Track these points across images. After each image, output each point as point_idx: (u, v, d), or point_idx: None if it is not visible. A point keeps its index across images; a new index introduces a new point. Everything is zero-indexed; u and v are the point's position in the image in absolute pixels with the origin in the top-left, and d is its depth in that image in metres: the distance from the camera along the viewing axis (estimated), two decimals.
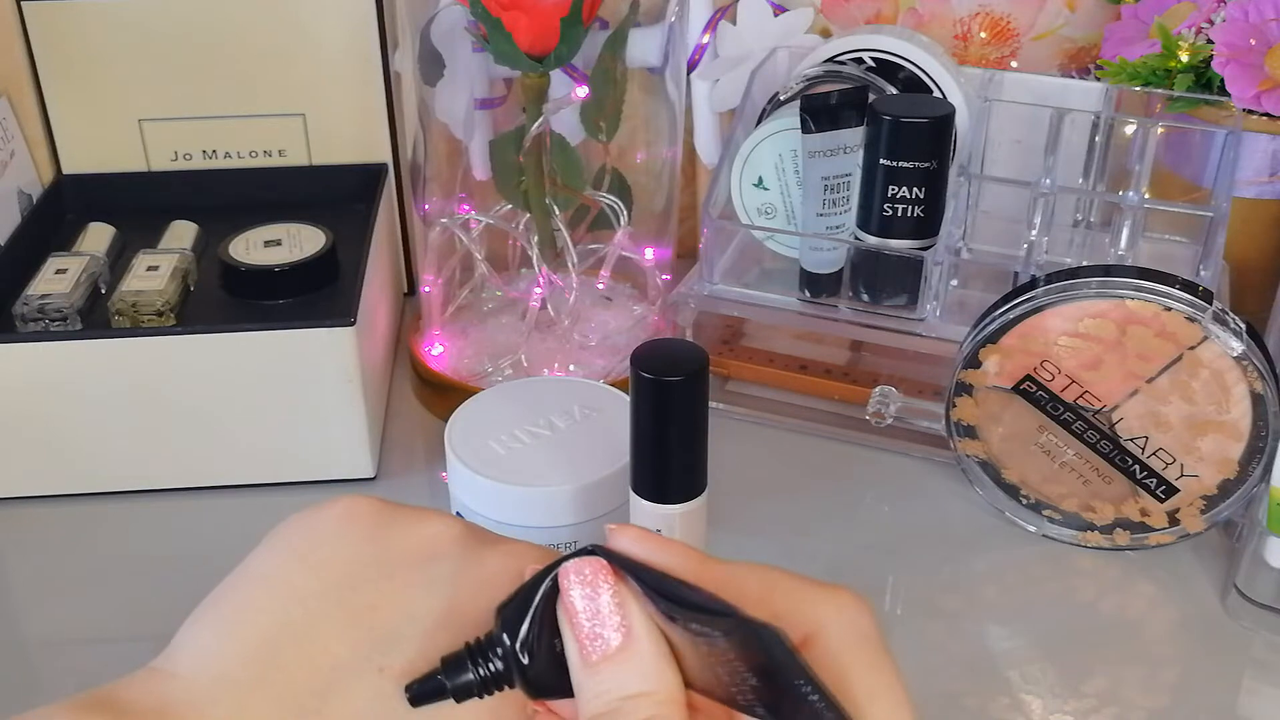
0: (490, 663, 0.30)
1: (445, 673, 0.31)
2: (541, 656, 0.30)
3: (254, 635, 0.31)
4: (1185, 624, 0.57)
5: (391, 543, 0.33)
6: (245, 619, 0.32)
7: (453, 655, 0.31)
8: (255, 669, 0.31)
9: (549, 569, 0.30)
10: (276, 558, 0.33)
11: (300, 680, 0.31)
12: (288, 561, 0.33)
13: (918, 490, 0.65)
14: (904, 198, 0.63)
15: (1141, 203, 0.65)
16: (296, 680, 0.31)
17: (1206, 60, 0.69)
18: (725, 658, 0.28)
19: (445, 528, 0.34)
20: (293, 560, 0.33)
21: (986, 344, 0.59)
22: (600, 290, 0.73)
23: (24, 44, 0.74)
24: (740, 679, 0.28)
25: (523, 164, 0.67)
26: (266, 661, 0.31)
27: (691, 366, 0.46)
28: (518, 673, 0.30)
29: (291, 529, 0.34)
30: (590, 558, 0.30)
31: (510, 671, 0.30)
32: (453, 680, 0.30)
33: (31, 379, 0.61)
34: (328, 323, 0.61)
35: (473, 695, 0.30)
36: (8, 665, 0.55)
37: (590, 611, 0.29)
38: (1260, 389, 0.55)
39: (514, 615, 0.30)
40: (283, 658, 0.31)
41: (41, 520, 0.63)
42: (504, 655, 0.30)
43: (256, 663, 0.31)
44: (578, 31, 0.62)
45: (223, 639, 0.32)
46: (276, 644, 0.31)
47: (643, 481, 0.49)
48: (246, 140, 0.78)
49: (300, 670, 0.31)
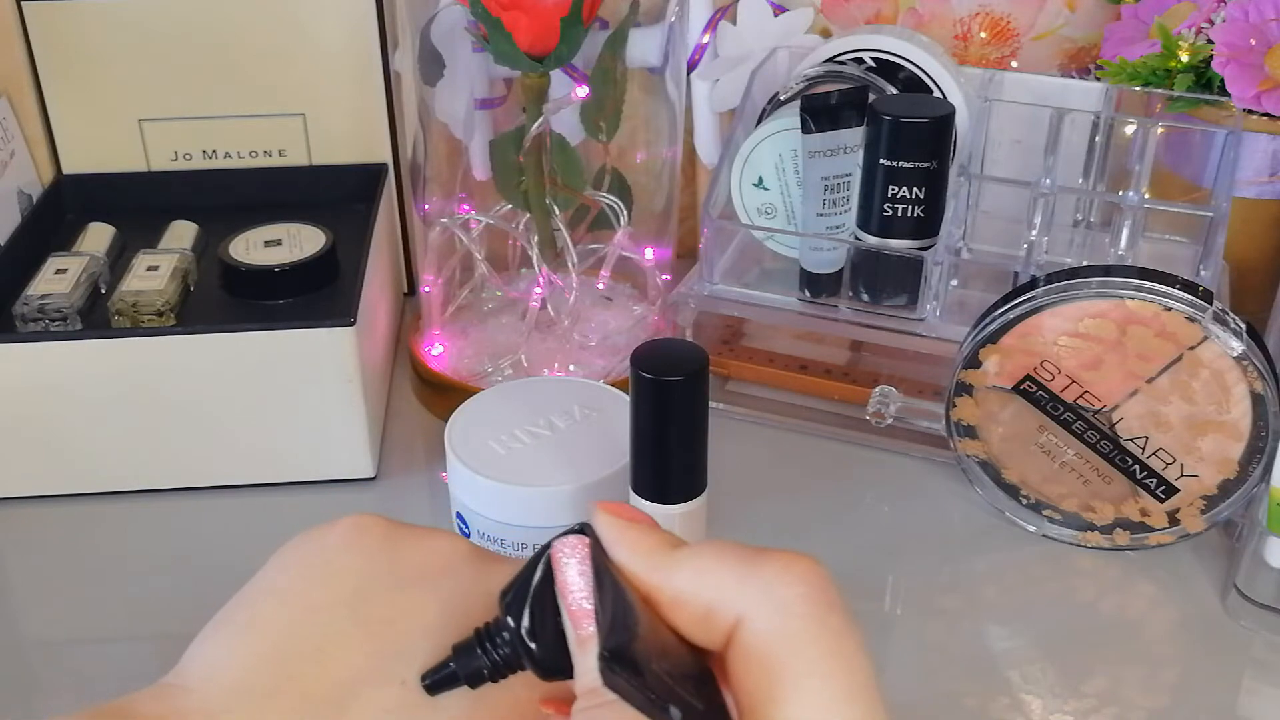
0: (499, 648, 0.30)
1: (456, 660, 0.31)
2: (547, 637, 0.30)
3: (267, 648, 0.31)
4: (1185, 624, 0.57)
5: (401, 558, 0.34)
6: (257, 632, 0.32)
7: (463, 642, 0.31)
8: (269, 680, 0.31)
9: (542, 550, 0.30)
10: (287, 572, 0.33)
11: (316, 692, 0.30)
12: (299, 576, 0.33)
13: (918, 490, 0.65)
14: (904, 198, 0.63)
15: (1141, 203, 0.65)
16: (312, 692, 0.30)
17: (1206, 60, 0.69)
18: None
19: (452, 544, 0.34)
20: (304, 574, 0.33)
21: (986, 344, 0.59)
22: (600, 290, 0.73)
23: (24, 44, 0.74)
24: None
25: (523, 164, 0.67)
26: (281, 673, 0.31)
27: (691, 366, 0.46)
28: (525, 655, 0.30)
29: (301, 545, 0.34)
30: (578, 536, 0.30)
31: (518, 655, 0.30)
32: (464, 667, 0.31)
33: (31, 379, 0.60)
34: (328, 323, 0.61)
35: (485, 680, 0.31)
36: (8, 665, 0.55)
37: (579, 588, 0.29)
38: (1260, 389, 0.55)
39: (515, 599, 0.30)
40: (297, 669, 0.31)
41: (41, 520, 0.63)
42: (510, 639, 0.30)
43: (270, 674, 0.31)
44: (578, 31, 0.62)
45: (235, 652, 0.31)
46: (290, 656, 0.31)
47: (643, 481, 0.49)
48: (246, 140, 0.78)
49: (316, 682, 0.31)
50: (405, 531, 0.34)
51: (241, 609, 0.33)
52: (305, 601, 0.32)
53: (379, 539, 0.34)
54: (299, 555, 0.34)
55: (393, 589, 0.33)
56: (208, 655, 0.32)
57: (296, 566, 0.33)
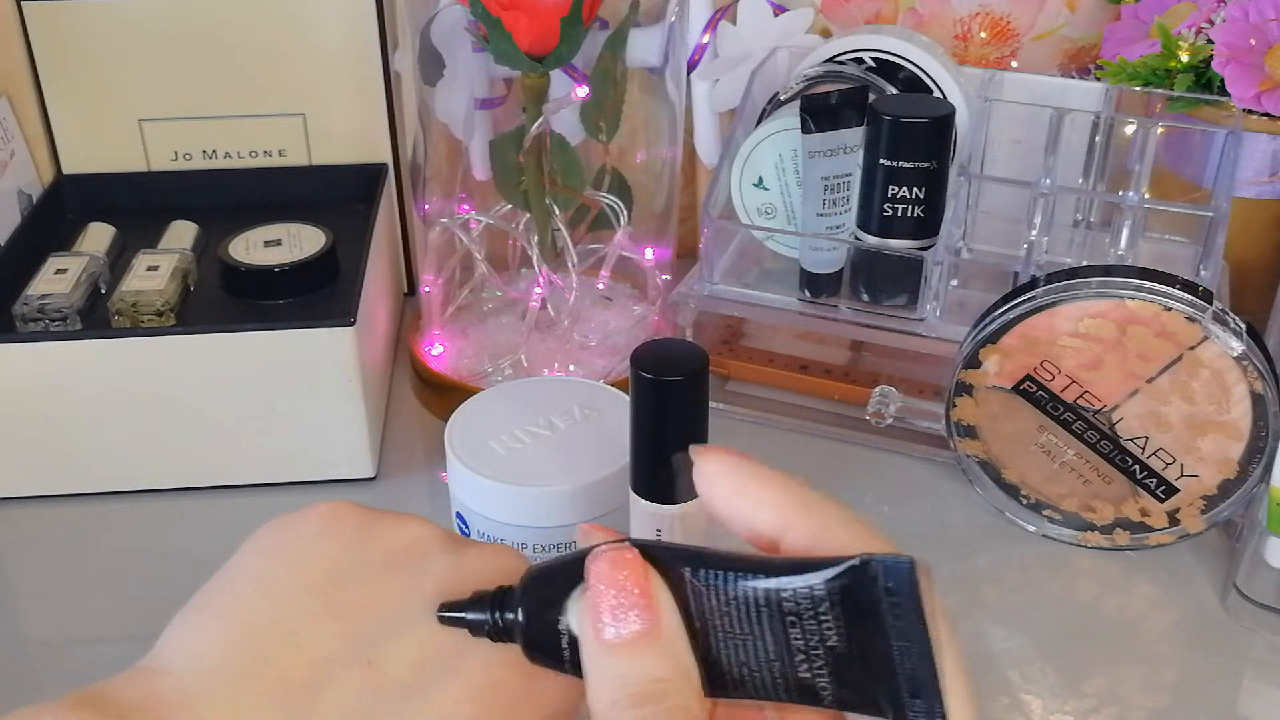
0: (504, 614, 0.31)
1: (470, 606, 0.32)
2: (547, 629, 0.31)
3: (242, 631, 0.32)
4: (1185, 624, 0.57)
5: (374, 543, 0.34)
6: (232, 616, 0.32)
7: (481, 593, 0.32)
8: (244, 663, 0.31)
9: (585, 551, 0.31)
10: (261, 558, 0.34)
11: (291, 674, 0.31)
12: (273, 561, 0.33)
13: (918, 490, 0.65)
14: (904, 198, 0.63)
15: (1141, 203, 0.65)
16: (287, 674, 0.31)
17: (1206, 60, 0.69)
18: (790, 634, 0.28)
19: (425, 530, 0.35)
20: (278, 560, 0.33)
21: (986, 344, 0.59)
22: (600, 290, 0.73)
23: (24, 44, 0.74)
24: (808, 652, 0.28)
25: (523, 164, 0.67)
26: (256, 656, 0.31)
27: (691, 366, 0.46)
28: (520, 633, 0.31)
29: (274, 531, 0.35)
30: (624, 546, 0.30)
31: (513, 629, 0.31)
32: (472, 614, 0.32)
33: (31, 379, 0.60)
34: (328, 323, 0.61)
35: (484, 635, 0.32)
36: (8, 665, 0.55)
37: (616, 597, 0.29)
38: (1260, 389, 0.55)
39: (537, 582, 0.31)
40: (272, 652, 0.31)
41: (41, 520, 0.63)
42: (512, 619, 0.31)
43: (246, 657, 0.31)
44: (578, 31, 0.62)
45: (211, 636, 0.32)
46: (265, 639, 0.31)
47: (643, 481, 0.49)
48: (246, 140, 0.78)
49: (290, 664, 0.31)
50: (378, 518, 0.35)
51: (216, 593, 0.33)
52: (279, 586, 0.33)
53: (352, 525, 0.34)
54: (273, 541, 0.34)
55: (365, 574, 0.33)
56: (184, 639, 0.32)
57: (271, 552, 0.34)
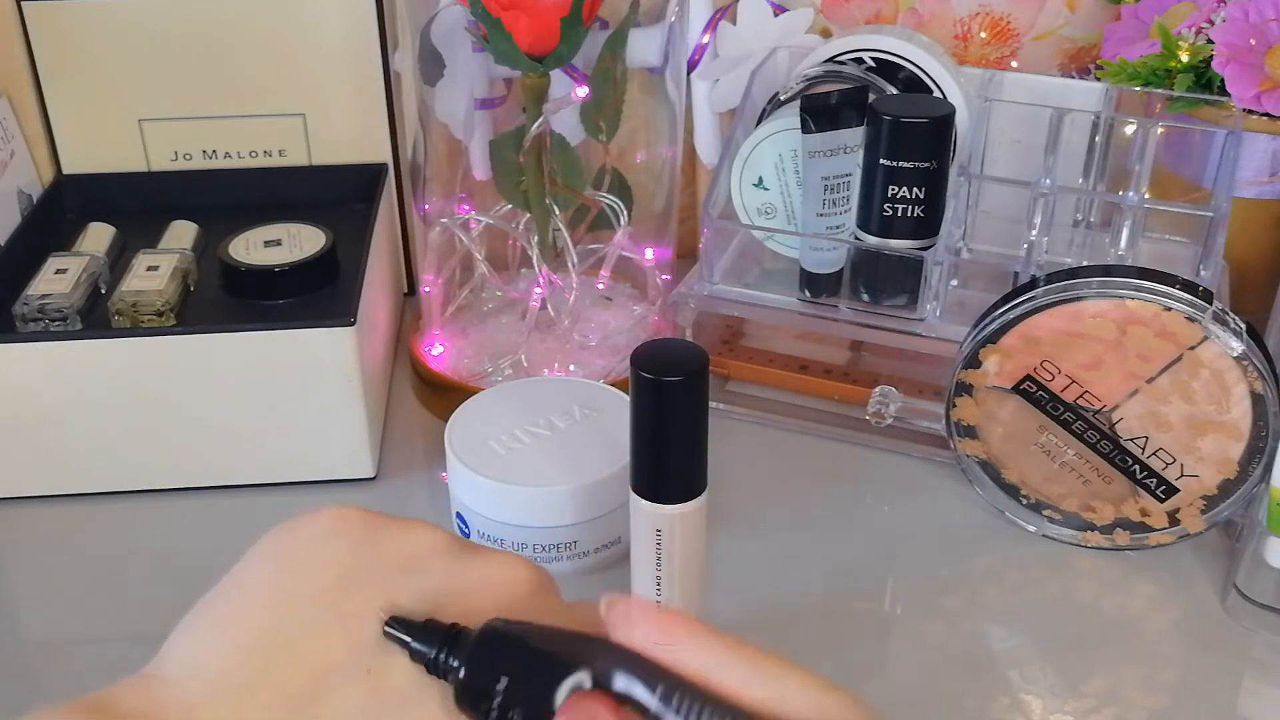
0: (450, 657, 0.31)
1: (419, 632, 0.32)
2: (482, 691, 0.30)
3: (245, 639, 0.31)
4: (1185, 624, 0.57)
5: (379, 551, 0.34)
6: (236, 624, 0.32)
7: (434, 624, 0.32)
8: (248, 672, 0.31)
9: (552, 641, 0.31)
10: (266, 565, 0.33)
11: (293, 683, 0.31)
12: (278, 568, 0.33)
13: (918, 490, 0.65)
14: (904, 198, 0.63)
15: (1141, 203, 0.65)
16: (289, 683, 0.31)
17: (1206, 60, 0.69)
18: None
19: (431, 536, 0.35)
20: (282, 567, 0.33)
21: (986, 344, 0.59)
22: (600, 290, 0.73)
23: (24, 44, 0.74)
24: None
25: (523, 164, 0.67)
26: (259, 665, 0.31)
27: (691, 366, 0.46)
28: (455, 682, 0.31)
29: (279, 537, 0.34)
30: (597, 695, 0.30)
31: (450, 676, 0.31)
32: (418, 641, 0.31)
33: (31, 379, 0.60)
34: (328, 323, 0.61)
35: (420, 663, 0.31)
36: (8, 665, 0.55)
37: None
38: (1260, 389, 0.55)
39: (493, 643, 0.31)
40: (275, 661, 0.31)
41: (41, 520, 0.63)
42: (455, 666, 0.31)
43: (249, 666, 0.31)
44: (578, 31, 0.62)
45: (214, 644, 0.32)
46: (268, 648, 0.31)
47: (642, 481, 0.49)
48: (246, 140, 0.78)
49: (293, 674, 0.31)
50: (384, 523, 0.35)
51: (221, 600, 0.33)
52: (284, 593, 0.32)
53: (358, 531, 0.34)
54: (278, 547, 0.34)
55: (370, 582, 0.33)
56: (187, 647, 0.32)
57: (276, 558, 0.33)
